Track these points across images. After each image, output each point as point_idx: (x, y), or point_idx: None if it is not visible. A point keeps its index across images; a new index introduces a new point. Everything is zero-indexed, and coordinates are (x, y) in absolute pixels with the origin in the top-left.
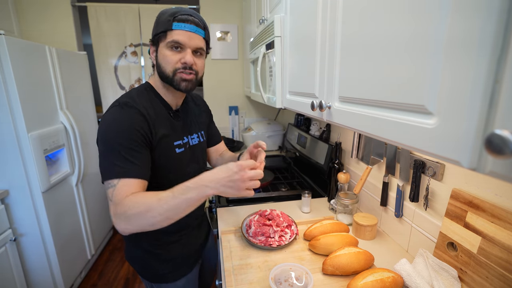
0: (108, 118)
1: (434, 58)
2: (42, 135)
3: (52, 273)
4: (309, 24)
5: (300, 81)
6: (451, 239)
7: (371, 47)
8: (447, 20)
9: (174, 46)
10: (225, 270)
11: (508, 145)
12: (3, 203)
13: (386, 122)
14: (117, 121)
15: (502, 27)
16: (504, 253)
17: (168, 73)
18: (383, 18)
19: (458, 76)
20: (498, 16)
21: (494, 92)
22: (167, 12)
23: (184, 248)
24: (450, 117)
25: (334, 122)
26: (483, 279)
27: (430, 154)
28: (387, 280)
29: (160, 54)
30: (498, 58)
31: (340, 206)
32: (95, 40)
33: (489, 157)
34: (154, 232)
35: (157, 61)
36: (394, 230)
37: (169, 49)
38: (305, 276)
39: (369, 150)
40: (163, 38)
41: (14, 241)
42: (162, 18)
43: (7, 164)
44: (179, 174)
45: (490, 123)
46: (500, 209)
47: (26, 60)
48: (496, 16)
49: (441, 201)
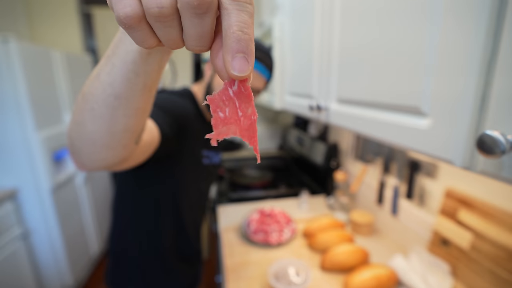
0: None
1: (428, 61)
2: (50, 135)
3: (60, 269)
4: (307, 27)
5: (298, 83)
6: (444, 235)
7: (368, 50)
8: (440, 25)
9: None
10: (226, 267)
11: (498, 145)
12: (13, 202)
13: (382, 123)
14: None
15: (492, 30)
16: (494, 249)
17: None
18: (380, 22)
19: (450, 78)
20: (489, 17)
21: (485, 95)
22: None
23: None
24: (443, 118)
25: (331, 123)
26: (474, 274)
27: (424, 153)
28: (382, 276)
29: (217, 79)
30: (489, 62)
31: (337, 204)
32: (102, 44)
33: (481, 156)
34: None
35: (211, 82)
36: (390, 227)
37: None
38: (304, 272)
39: (366, 150)
40: None
41: (23, 239)
42: None
43: (16, 164)
44: (194, 187)
45: (482, 124)
46: (491, 207)
47: (36, 64)
48: (486, 17)
49: (434, 199)
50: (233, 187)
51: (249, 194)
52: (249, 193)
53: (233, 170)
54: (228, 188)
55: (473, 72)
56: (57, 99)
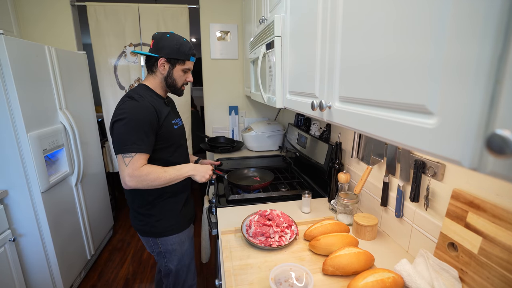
0: (131, 106)
1: (435, 57)
2: (42, 135)
3: (52, 274)
4: (309, 23)
5: (300, 81)
6: (452, 239)
7: (372, 48)
8: (448, 22)
9: (186, 70)
10: (225, 271)
11: (509, 145)
12: (2, 203)
13: (387, 122)
14: (139, 108)
15: (503, 26)
16: (505, 253)
17: (178, 86)
18: (386, 19)
19: (458, 75)
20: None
21: (494, 92)
22: (186, 45)
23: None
24: (450, 117)
25: (334, 122)
26: (484, 279)
27: (430, 154)
28: (387, 281)
29: (175, 72)
30: (499, 58)
31: (340, 206)
32: (95, 39)
33: (490, 157)
34: (159, 194)
35: (170, 74)
36: (395, 230)
37: (182, 71)
38: (305, 277)
39: (370, 150)
40: (181, 63)
41: (13, 241)
42: (182, 49)
43: (6, 164)
44: (177, 145)
45: (491, 123)
46: (501, 209)
47: (25, 60)
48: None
49: (441, 201)
50: (232, 188)
51: (249, 196)
52: (249, 194)
53: (233, 171)
54: (227, 189)
55: (482, 69)
56: (49, 97)
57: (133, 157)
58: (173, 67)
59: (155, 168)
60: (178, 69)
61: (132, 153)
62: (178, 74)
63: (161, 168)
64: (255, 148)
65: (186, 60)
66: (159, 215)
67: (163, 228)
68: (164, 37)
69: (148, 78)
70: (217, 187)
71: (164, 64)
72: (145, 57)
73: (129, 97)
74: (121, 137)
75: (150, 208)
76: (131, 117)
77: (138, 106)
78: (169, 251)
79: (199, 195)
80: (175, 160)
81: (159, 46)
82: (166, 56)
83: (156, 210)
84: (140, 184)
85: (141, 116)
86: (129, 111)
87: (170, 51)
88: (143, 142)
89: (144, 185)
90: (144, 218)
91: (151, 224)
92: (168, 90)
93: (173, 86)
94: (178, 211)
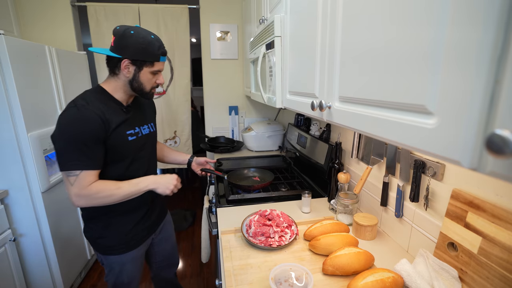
0: (67, 118)
1: (434, 58)
2: (42, 135)
3: (52, 273)
4: (309, 24)
5: (300, 81)
6: (452, 239)
7: (371, 47)
8: (447, 20)
9: (156, 72)
10: (225, 270)
11: (509, 145)
12: (3, 203)
13: (386, 122)
14: (76, 120)
15: (503, 24)
16: (504, 253)
17: (147, 90)
18: (384, 18)
19: (458, 76)
20: (499, 13)
21: (494, 92)
22: (154, 44)
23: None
24: (450, 117)
25: (334, 122)
26: (483, 279)
27: (430, 154)
28: (387, 280)
29: (143, 75)
30: (498, 58)
31: (340, 206)
32: (95, 39)
33: (490, 157)
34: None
35: (136, 78)
36: (395, 230)
37: (151, 74)
38: (305, 276)
39: (369, 150)
40: (150, 65)
41: (13, 241)
42: (150, 49)
43: (6, 164)
44: (132, 158)
45: (491, 123)
46: (501, 209)
47: (26, 60)
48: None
49: (441, 201)
50: (232, 188)
51: (249, 196)
52: (249, 194)
53: (233, 171)
54: (227, 189)
55: (482, 68)
56: (50, 97)
57: (78, 175)
58: (139, 69)
59: (107, 184)
60: (146, 72)
61: (77, 171)
62: (146, 77)
63: (114, 184)
64: (255, 148)
65: (155, 61)
66: (103, 232)
67: (103, 246)
68: (127, 34)
69: (109, 80)
70: (217, 187)
71: (129, 66)
72: (106, 57)
73: (73, 103)
74: (62, 153)
75: (96, 222)
76: (68, 130)
77: (77, 118)
78: (108, 265)
79: (199, 195)
80: (130, 174)
81: (121, 45)
82: (130, 57)
83: (99, 225)
84: (90, 202)
85: (79, 129)
86: (65, 123)
87: (135, 51)
88: (87, 157)
89: (96, 203)
90: (89, 230)
91: (93, 238)
92: (134, 94)
93: (140, 90)
94: (125, 232)
